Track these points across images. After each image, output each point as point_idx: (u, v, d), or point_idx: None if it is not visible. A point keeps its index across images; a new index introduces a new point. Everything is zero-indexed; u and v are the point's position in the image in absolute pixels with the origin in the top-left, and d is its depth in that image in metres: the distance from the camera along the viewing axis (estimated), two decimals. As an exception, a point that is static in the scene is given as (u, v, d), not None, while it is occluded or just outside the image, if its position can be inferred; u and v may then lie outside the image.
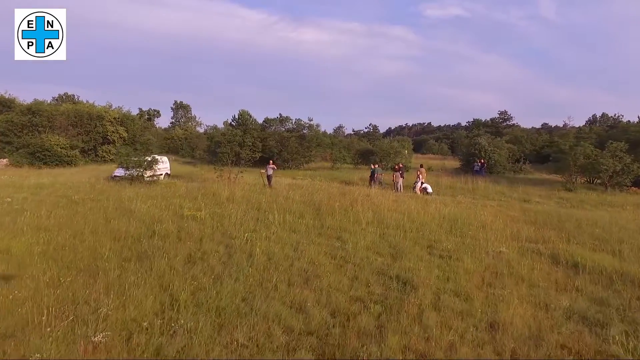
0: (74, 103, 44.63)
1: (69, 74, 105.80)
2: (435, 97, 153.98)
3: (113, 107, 41.44)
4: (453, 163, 45.88)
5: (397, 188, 20.76)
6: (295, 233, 9.50)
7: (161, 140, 57.44)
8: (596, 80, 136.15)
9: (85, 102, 43.78)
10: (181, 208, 11.71)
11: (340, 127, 77.89)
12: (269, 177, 18.47)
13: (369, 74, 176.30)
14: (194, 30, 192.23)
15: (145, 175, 19.06)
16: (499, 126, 56.84)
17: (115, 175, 20.11)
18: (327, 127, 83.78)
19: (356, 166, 34.81)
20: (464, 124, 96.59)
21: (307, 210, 12.15)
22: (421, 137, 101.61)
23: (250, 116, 39.43)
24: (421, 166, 23.30)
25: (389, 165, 32.78)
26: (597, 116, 74.61)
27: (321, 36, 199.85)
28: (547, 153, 47.28)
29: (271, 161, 19.17)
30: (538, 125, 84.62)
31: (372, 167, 23.86)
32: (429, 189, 19.96)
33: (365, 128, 58.05)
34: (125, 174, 18.44)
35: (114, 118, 38.55)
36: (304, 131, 35.02)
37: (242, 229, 9.49)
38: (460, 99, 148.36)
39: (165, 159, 23.54)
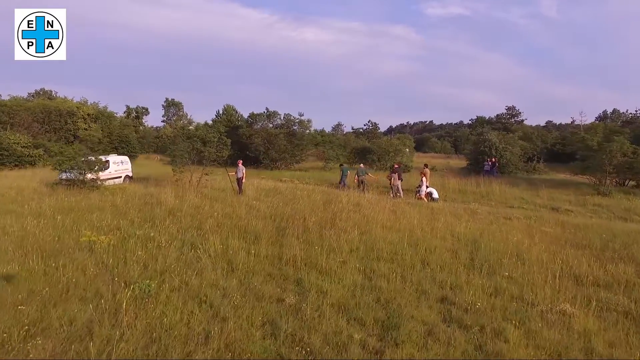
0: (49, 99, 41.33)
1: (68, 73, 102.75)
2: (437, 95, 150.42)
3: (89, 103, 38.31)
4: (458, 162, 42.39)
5: (395, 193, 17.36)
6: (231, 274, 6.09)
7: (151, 139, 54.20)
8: (599, 78, 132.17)
9: (63, 97, 40.46)
10: (92, 228, 8.32)
11: (339, 125, 74.46)
12: (239, 181, 15.08)
13: (370, 73, 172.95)
14: (195, 29, 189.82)
15: (96, 179, 15.68)
16: (506, 122, 53.16)
17: (60, 179, 16.77)
18: (327, 125, 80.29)
19: (352, 166, 31.29)
20: (466, 122, 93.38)
21: (267, 229, 8.73)
22: (423, 135, 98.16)
23: (236, 111, 36.03)
24: (425, 166, 19.75)
25: (388, 165, 29.29)
26: (608, 112, 71.27)
27: (323, 35, 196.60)
28: (566, 151, 43.79)
29: (240, 161, 15.79)
30: (542, 124, 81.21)
31: (341, 166, 20.82)
32: (435, 194, 16.52)
33: (364, 125, 54.57)
34: (62, 177, 15.11)
35: (88, 114, 35.33)
36: (294, 127, 31.60)
37: (150, 268, 6.09)
38: (461, 98, 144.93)
39: (125, 159, 20.18)
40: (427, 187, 17.29)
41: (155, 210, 10.46)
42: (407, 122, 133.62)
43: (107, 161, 18.77)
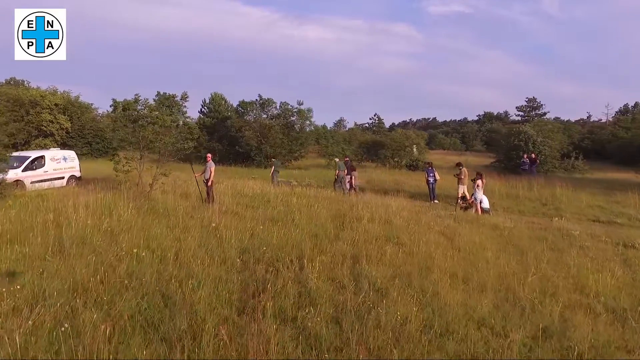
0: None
1: (68, 72, 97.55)
2: (438, 93, 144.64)
3: (60, 92, 33.54)
4: (478, 159, 37.68)
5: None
6: None
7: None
8: (602, 76, 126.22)
9: (27, 86, 35.70)
10: None
11: (341, 120, 69.82)
12: (207, 183, 10.44)
13: (372, 71, 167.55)
14: (196, 28, 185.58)
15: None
16: (526, 116, 48.33)
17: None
18: (329, 122, 75.69)
19: (360, 163, 26.64)
20: (470, 118, 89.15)
21: (220, 298, 4.10)
22: (428, 132, 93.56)
23: (225, 101, 31.28)
24: (459, 165, 14.21)
25: (403, 162, 24.66)
26: (630, 105, 66.82)
27: (324, 34, 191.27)
28: (596, 147, 39.30)
29: (209, 156, 11.07)
30: (549, 121, 77.02)
31: (273, 160, 17.67)
32: (485, 203, 11.85)
33: (370, 119, 49.89)
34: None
35: (55, 104, 30.59)
36: (292, 118, 26.93)
37: None
38: (463, 95, 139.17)
39: (69, 155, 15.53)
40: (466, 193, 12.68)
41: (36, 239, 5.82)
42: (410, 119, 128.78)
43: (42, 157, 14.21)
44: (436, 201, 13.69)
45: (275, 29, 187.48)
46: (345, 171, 14.83)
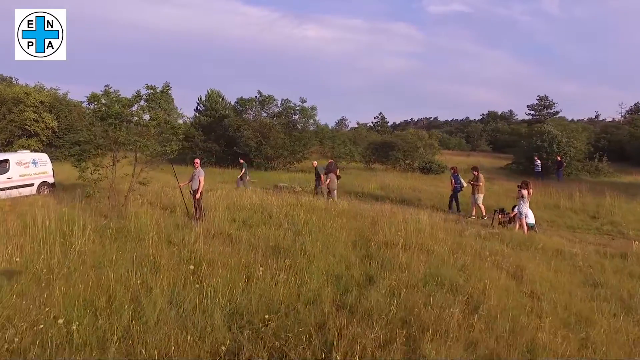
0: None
1: (68, 72, 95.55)
2: (438, 93, 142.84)
3: (47, 89, 31.47)
4: (485, 160, 35.70)
5: (454, 208, 11.78)
6: None
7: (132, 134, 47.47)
8: (604, 74, 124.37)
9: (9, 82, 33.58)
10: None
11: (343, 119, 67.76)
12: (194, 195, 8.41)
13: (372, 71, 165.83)
14: (195, 27, 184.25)
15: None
16: (538, 114, 46.31)
17: None
18: (330, 122, 73.96)
19: (369, 166, 24.68)
20: (472, 117, 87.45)
21: None
22: (431, 132, 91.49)
23: (222, 98, 29.23)
24: (474, 170, 12.11)
25: (416, 164, 22.66)
26: (640, 105, 64.81)
27: (324, 33, 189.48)
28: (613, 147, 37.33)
29: (197, 161, 9.03)
30: (552, 121, 75.13)
31: (241, 161, 15.81)
32: (530, 218, 9.81)
33: (375, 118, 47.93)
34: None
35: (40, 102, 28.56)
36: (294, 117, 24.96)
37: None
38: (464, 95, 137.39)
39: (41, 158, 13.50)
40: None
41: None
42: (411, 119, 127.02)
43: (5, 161, 12.24)
44: (450, 210, 11.83)
45: (275, 29, 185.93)
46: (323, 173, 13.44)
